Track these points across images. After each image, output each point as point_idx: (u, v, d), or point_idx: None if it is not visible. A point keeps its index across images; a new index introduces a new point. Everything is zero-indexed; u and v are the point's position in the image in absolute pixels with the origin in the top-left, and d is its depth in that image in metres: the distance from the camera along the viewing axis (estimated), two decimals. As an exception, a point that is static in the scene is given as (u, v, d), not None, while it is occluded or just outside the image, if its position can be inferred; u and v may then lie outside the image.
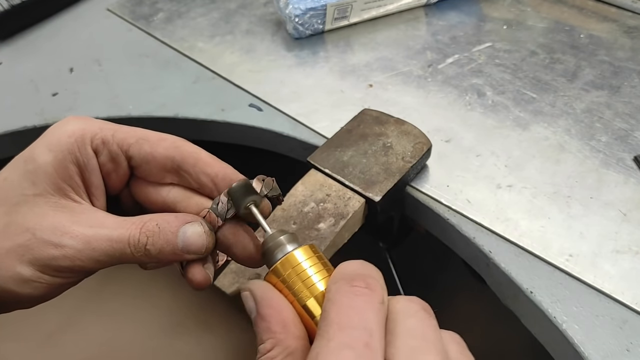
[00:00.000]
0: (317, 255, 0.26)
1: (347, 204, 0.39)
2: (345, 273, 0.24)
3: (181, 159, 0.29)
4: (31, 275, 0.26)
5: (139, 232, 0.27)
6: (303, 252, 0.25)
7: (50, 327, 0.47)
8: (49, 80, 0.58)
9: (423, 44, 0.57)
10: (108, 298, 0.50)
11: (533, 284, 0.37)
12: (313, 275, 0.25)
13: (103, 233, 0.26)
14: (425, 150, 0.42)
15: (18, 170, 0.27)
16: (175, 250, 0.27)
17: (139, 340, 0.47)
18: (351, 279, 0.23)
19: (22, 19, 0.64)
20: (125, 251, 0.27)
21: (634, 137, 0.46)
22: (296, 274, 0.25)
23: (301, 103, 0.51)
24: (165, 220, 0.28)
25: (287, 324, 0.23)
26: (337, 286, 0.23)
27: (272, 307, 0.24)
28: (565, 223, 0.40)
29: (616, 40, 0.55)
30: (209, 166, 0.29)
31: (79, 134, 0.28)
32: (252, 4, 0.65)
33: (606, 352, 0.34)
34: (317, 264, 0.25)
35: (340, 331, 0.21)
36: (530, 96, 0.50)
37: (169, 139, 0.30)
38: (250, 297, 0.24)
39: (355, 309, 0.22)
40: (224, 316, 0.48)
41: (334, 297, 0.23)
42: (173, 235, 0.27)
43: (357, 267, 0.24)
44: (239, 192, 0.28)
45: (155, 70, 0.58)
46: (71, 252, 0.26)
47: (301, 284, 0.24)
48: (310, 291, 0.24)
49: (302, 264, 0.25)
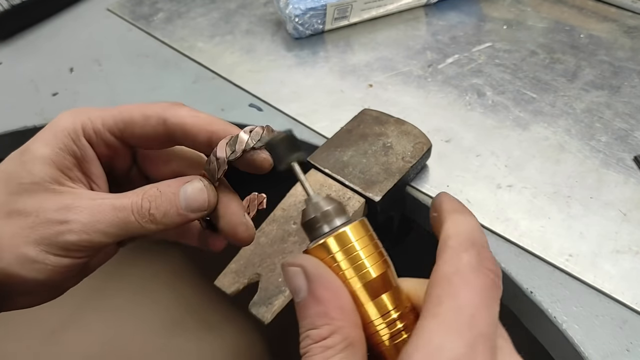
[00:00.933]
0: (369, 235, 0.23)
1: (347, 204, 0.39)
2: (475, 238, 0.21)
3: (170, 133, 0.29)
4: (36, 255, 0.25)
5: (141, 198, 0.27)
6: (355, 231, 0.22)
7: (53, 325, 0.47)
8: (49, 80, 0.58)
9: (423, 44, 0.57)
10: (110, 296, 0.50)
11: (533, 284, 0.37)
12: (365, 259, 0.22)
13: (106, 203, 0.26)
14: (425, 150, 0.42)
15: (15, 161, 0.27)
16: (179, 211, 0.27)
17: (140, 338, 0.47)
18: (482, 254, 0.20)
19: (22, 19, 0.64)
20: (129, 219, 0.26)
21: (634, 137, 0.46)
22: (347, 255, 0.21)
23: (301, 103, 0.51)
24: (165, 184, 0.28)
25: (346, 310, 0.21)
26: (470, 260, 0.20)
27: (329, 289, 0.21)
28: (565, 223, 0.40)
29: (616, 40, 0.55)
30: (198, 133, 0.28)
31: (72, 128, 0.28)
32: (252, 4, 0.65)
33: (606, 352, 0.34)
34: (368, 245, 0.22)
35: (469, 330, 0.18)
36: (530, 96, 0.50)
37: (154, 115, 0.28)
38: (301, 274, 0.21)
39: (488, 307, 0.19)
40: (225, 315, 0.49)
41: (466, 272, 0.19)
42: (175, 196, 0.27)
43: (482, 235, 0.21)
44: (281, 145, 0.25)
45: (155, 70, 0.58)
46: (77, 226, 0.26)
47: (351, 269, 0.21)
48: (361, 278, 0.21)
49: (354, 244, 0.22)
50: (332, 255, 0.22)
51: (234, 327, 0.48)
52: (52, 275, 0.26)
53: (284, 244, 0.37)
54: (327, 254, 0.22)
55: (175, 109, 0.28)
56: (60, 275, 0.26)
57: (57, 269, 0.26)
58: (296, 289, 0.21)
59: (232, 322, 0.48)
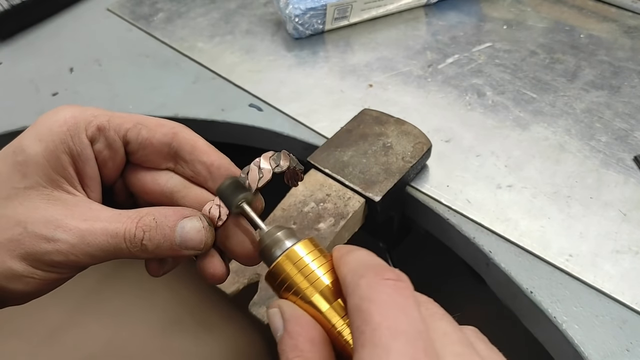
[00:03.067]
0: (319, 249, 0.25)
1: (347, 204, 0.39)
2: (366, 264, 0.22)
3: (178, 145, 0.29)
4: (23, 270, 0.25)
5: (135, 226, 0.26)
6: (303, 247, 0.24)
7: (52, 325, 0.47)
8: (49, 80, 0.58)
9: (423, 44, 0.57)
10: (109, 296, 0.50)
11: (533, 284, 0.37)
12: (316, 270, 0.23)
13: (98, 227, 0.26)
14: (425, 150, 0.42)
15: (7, 162, 0.27)
16: (172, 246, 0.26)
17: (139, 338, 0.47)
18: (378, 270, 0.21)
19: (22, 19, 0.64)
20: (120, 246, 0.26)
21: (634, 137, 0.46)
22: (298, 269, 0.23)
23: (301, 103, 0.51)
24: (163, 214, 0.27)
25: (315, 343, 0.22)
26: (368, 280, 0.20)
27: (301, 325, 0.22)
28: (565, 223, 0.40)
29: (616, 40, 0.55)
30: (205, 154, 0.28)
31: (72, 122, 0.27)
32: (252, 4, 0.65)
33: (606, 352, 0.34)
34: (318, 257, 0.24)
35: (395, 338, 0.19)
36: (530, 96, 0.50)
37: (167, 125, 0.29)
38: (278, 314, 0.23)
39: (400, 308, 0.20)
40: (224, 316, 0.48)
41: (368, 293, 0.20)
42: (171, 230, 0.26)
43: (372, 257, 0.22)
44: (228, 190, 0.27)
45: (155, 70, 0.58)
46: (65, 247, 0.25)
47: (304, 280, 0.23)
48: (316, 286, 0.23)
49: (303, 258, 0.24)
50: (283, 275, 0.24)
51: (233, 327, 0.48)
52: (39, 287, 0.26)
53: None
54: (280, 274, 0.24)
55: (188, 129, 0.29)
56: (48, 285, 0.26)
57: (44, 282, 0.26)
58: (275, 327, 0.23)
59: (231, 322, 0.48)
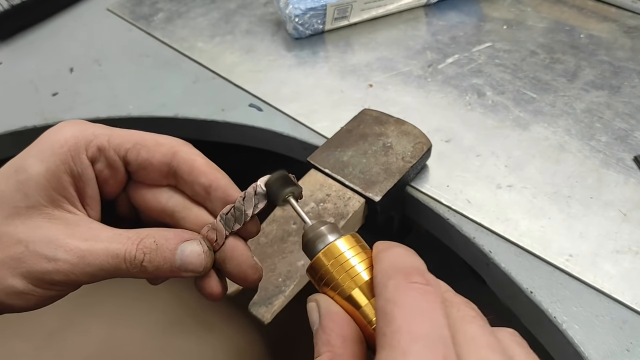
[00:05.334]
0: (360, 245, 0.25)
1: (347, 204, 0.39)
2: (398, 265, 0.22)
3: (177, 165, 0.28)
4: (24, 288, 0.26)
5: (136, 248, 0.26)
6: (345, 242, 0.25)
7: (51, 325, 0.47)
8: (49, 80, 0.58)
9: (423, 44, 0.57)
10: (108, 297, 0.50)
11: (533, 284, 0.37)
12: (357, 265, 0.24)
13: (98, 247, 0.26)
14: (425, 150, 0.42)
15: (9, 180, 0.27)
16: (172, 268, 0.27)
17: (139, 339, 0.47)
18: (407, 272, 0.21)
19: (22, 19, 0.64)
20: (120, 266, 0.26)
21: (634, 137, 0.46)
22: (339, 264, 0.24)
23: (301, 103, 0.51)
24: (163, 236, 0.27)
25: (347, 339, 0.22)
26: (396, 283, 0.21)
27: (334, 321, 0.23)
28: (565, 223, 0.40)
29: (616, 40, 0.55)
30: (204, 175, 0.28)
31: (72, 143, 0.27)
32: (252, 4, 0.65)
33: (606, 352, 0.34)
34: (360, 253, 0.24)
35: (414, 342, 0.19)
36: (530, 96, 0.50)
37: (166, 144, 0.29)
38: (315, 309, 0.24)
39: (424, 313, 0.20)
40: (223, 316, 0.48)
41: (394, 296, 0.20)
42: (171, 253, 0.27)
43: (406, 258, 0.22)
44: (277, 182, 0.27)
45: (155, 70, 0.58)
46: (65, 267, 0.25)
47: (345, 274, 0.24)
48: (355, 281, 0.23)
49: (344, 253, 0.24)
50: (325, 268, 0.24)
51: (233, 327, 0.48)
52: (37, 303, 0.27)
53: (284, 244, 0.37)
54: (322, 267, 0.24)
55: (187, 146, 0.29)
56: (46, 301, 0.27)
57: (42, 299, 0.26)
58: (312, 321, 0.24)
59: (231, 322, 0.48)
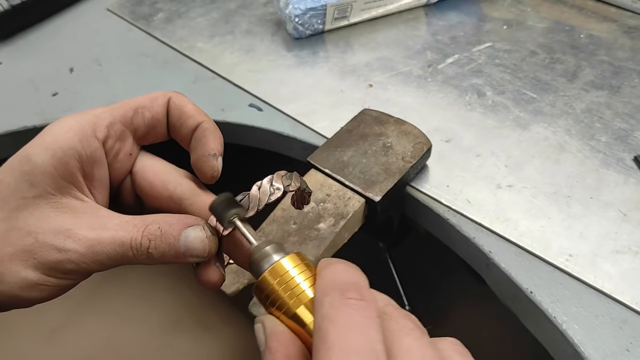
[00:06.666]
0: (305, 263, 0.25)
1: (347, 204, 0.39)
2: (335, 282, 0.22)
3: (169, 111, 0.30)
4: (38, 279, 0.26)
5: (142, 235, 0.27)
6: (290, 260, 0.25)
7: (52, 325, 0.47)
8: (49, 80, 0.58)
9: (423, 44, 0.57)
10: (109, 296, 0.50)
11: (533, 284, 0.37)
12: (301, 283, 0.24)
13: (106, 236, 0.26)
14: (425, 150, 0.42)
15: (14, 172, 0.27)
16: (177, 254, 0.27)
17: (139, 338, 0.47)
18: (343, 289, 0.22)
19: (22, 19, 0.64)
20: (127, 254, 0.27)
21: (634, 137, 0.46)
22: (284, 282, 0.24)
23: (301, 103, 0.51)
24: (167, 222, 0.27)
25: (291, 358, 0.23)
26: (331, 299, 0.21)
27: (279, 341, 0.23)
28: (565, 223, 0.40)
29: (616, 40, 0.55)
30: (191, 118, 0.30)
31: (77, 127, 0.28)
32: (252, 4, 0.65)
33: (606, 352, 0.34)
34: (305, 271, 0.25)
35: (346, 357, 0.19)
36: (530, 96, 0.50)
37: (160, 96, 0.30)
38: (262, 329, 0.24)
39: (357, 328, 0.20)
40: (224, 316, 0.49)
41: (329, 313, 0.21)
42: (175, 239, 0.27)
43: (345, 274, 0.23)
44: (220, 206, 0.27)
45: (155, 70, 0.58)
46: (75, 256, 0.26)
47: (290, 293, 0.24)
48: (300, 299, 0.24)
49: (289, 272, 0.24)
50: (270, 287, 0.24)
51: (233, 327, 0.48)
52: (53, 293, 0.27)
53: (284, 244, 0.37)
54: (267, 286, 0.25)
55: (178, 93, 0.31)
56: (61, 291, 0.27)
57: (57, 288, 0.27)
58: (259, 342, 0.24)
59: (231, 322, 0.48)
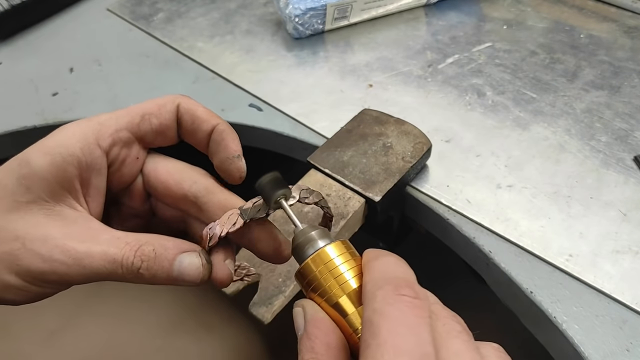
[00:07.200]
0: (350, 252, 0.25)
1: (347, 204, 0.39)
2: (388, 275, 0.22)
3: (180, 116, 0.29)
4: (17, 284, 0.25)
5: (134, 255, 0.26)
6: (335, 248, 0.24)
7: (51, 326, 0.47)
8: (49, 80, 0.58)
9: (423, 44, 0.57)
10: (108, 297, 0.50)
11: (533, 283, 0.37)
12: (346, 272, 0.23)
13: (95, 250, 0.26)
14: (425, 150, 0.42)
15: (12, 173, 0.27)
16: (169, 277, 0.27)
17: (139, 339, 0.47)
18: (397, 284, 0.21)
19: (22, 19, 0.64)
20: (116, 271, 0.26)
21: (634, 137, 0.46)
22: (328, 270, 0.24)
23: (301, 103, 0.51)
24: (163, 245, 0.27)
25: (331, 347, 0.22)
26: (384, 294, 0.21)
27: (319, 328, 0.23)
28: (565, 223, 0.40)
29: (616, 40, 0.55)
30: (205, 123, 0.29)
31: (81, 135, 0.27)
32: (252, 4, 0.65)
33: (606, 352, 0.34)
34: (349, 260, 0.24)
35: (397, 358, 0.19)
36: (530, 96, 0.50)
37: (168, 103, 0.30)
38: (301, 314, 0.24)
39: (410, 327, 0.20)
40: (224, 316, 0.48)
41: (382, 308, 0.20)
42: (169, 263, 0.27)
43: (397, 267, 0.22)
44: (268, 185, 0.27)
45: (155, 70, 0.58)
46: (61, 268, 0.25)
47: (333, 281, 0.23)
48: (343, 289, 0.23)
49: (334, 260, 0.24)
50: (313, 274, 0.24)
51: (233, 327, 0.48)
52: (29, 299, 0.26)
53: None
54: (310, 272, 0.24)
55: (186, 97, 0.30)
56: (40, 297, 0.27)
57: (35, 295, 0.26)
58: (297, 326, 0.24)
59: (231, 322, 0.48)
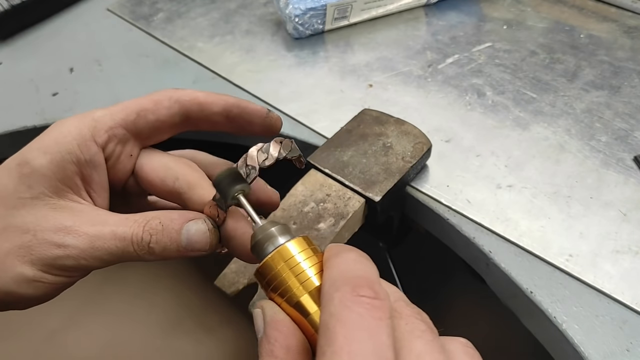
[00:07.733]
0: (312, 248, 0.24)
1: (347, 204, 0.39)
2: (346, 275, 0.21)
3: (185, 110, 0.29)
4: (34, 275, 0.26)
5: (142, 230, 0.26)
6: (296, 244, 0.23)
7: (53, 326, 0.47)
8: (49, 80, 0.58)
9: (423, 44, 0.57)
10: (109, 297, 0.50)
11: (533, 284, 0.37)
12: (307, 270, 0.22)
13: (106, 231, 0.26)
14: (425, 150, 0.42)
15: (12, 175, 0.27)
16: (179, 248, 0.27)
17: (139, 339, 0.47)
18: (355, 284, 0.20)
19: (22, 19, 0.64)
20: (128, 249, 0.26)
21: (634, 137, 0.46)
22: (289, 268, 0.23)
23: (301, 103, 0.51)
24: (169, 217, 0.27)
25: (291, 350, 0.22)
26: (341, 295, 0.20)
27: (279, 330, 0.22)
28: (565, 223, 0.40)
29: (616, 40, 0.55)
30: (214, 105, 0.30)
31: (76, 132, 0.27)
32: (252, 4, 0.65)
33: (606, 352, 0.34)
34: (311, 256, 0.23)
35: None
36: (530, 96, 0.50)
37: (165, 99, 0.29)
38: (261, 316, 0.23)
39: (367, 331, 0.19)
40: (224, 316, 0.49)
41: (338, 311, 0.19)
42: (177, 233, 0.27)
43: (357, 265, 0.22)
44: (225, 181, 0.25)
45: (155, 70, 0.58)
46: (75, 252, 0.26)
47: (294, 279, 0.22)
48: (304, 287, 0.22)
49: (295, 257, 0.23)
50: (273, 272, 0.23)
51: (233, 328, 0.48)
52: (48, 290, 0.26)
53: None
54: (271, 270, 0.23)
55: (183, 89, 0.30)
56: (57, 289, 0.27)
57: (53, 286, 0.26)
58: (257, 329, 0.23)
59: (231, 323, 0.48)
